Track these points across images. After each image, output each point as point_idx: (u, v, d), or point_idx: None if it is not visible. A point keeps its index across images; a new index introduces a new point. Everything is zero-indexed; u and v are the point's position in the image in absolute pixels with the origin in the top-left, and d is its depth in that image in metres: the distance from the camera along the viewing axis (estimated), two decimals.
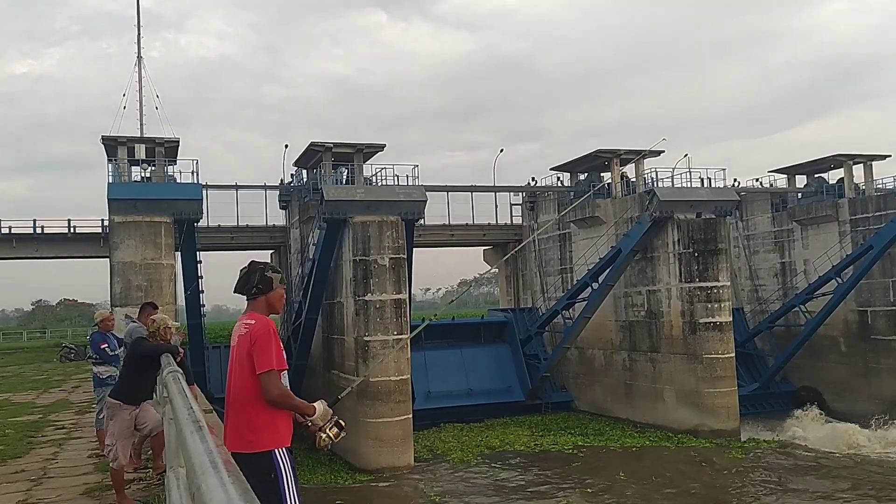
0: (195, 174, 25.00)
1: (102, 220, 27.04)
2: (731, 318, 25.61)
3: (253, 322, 4.06)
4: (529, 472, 21.08)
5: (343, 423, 4.41)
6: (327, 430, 4.32)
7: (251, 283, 4.12)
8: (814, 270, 29.51)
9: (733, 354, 25.29)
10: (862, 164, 31.16)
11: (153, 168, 25.49)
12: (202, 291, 25.14)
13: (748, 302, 33.47)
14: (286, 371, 4.23)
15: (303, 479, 17.87)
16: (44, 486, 7.23)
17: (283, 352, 4.16)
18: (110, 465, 6.56)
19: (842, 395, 28.49)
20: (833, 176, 32.30)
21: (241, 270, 4.17)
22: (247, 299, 4.16)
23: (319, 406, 4.26)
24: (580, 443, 24.25)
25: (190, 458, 1.97)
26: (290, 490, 4.00)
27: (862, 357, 28.64)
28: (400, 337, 22.01)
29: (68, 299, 77.22)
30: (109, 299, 23.70)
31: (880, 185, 30.70)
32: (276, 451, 4.03)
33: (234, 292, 4.19)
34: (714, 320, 24.96)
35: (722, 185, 28.52)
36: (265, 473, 3.93)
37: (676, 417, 25.32)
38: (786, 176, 33.45)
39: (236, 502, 1.27)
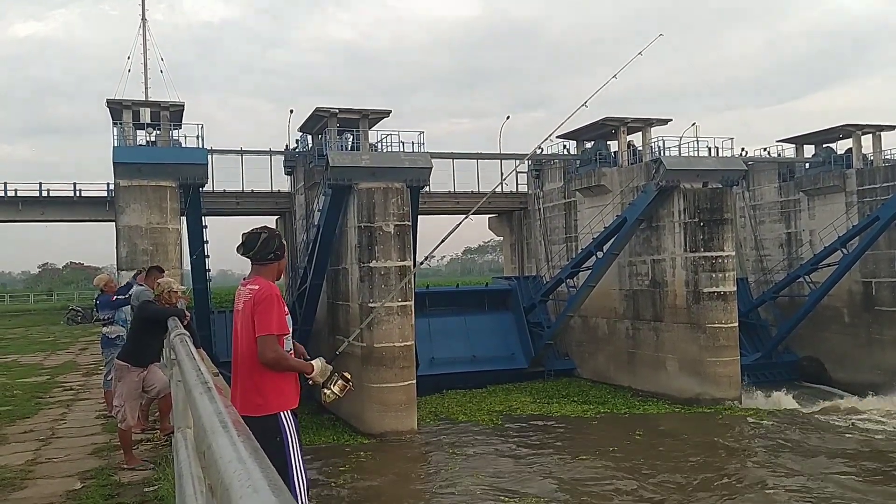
0: (200, 139, 24.97)
1: (108, 184, 27.04)
2: (735, 288, 25.64)
3: (257, 287, 4.10)
4: (532, 437, 21.35)
5: (349, 376, 4.45)
6: (331, 386, 4.37)
7: (271, 248, 4.17)
8: (819, 241, 29.40)
9: (736, 324, 25.36)
10: (871, 135, 30.87)
11: (158, 132, 25.42)
12: (207, 256, 25.23)
13: (753, 272, 33.44)
14: (289, 335, 4.27)
15: (308, 441, 18.14)
16: (52, 446, 7.34)
17: (288, 316, 4.21)
18: (118, 425, 6.65)
19: (844, 365, 28.58)
20: (842, 146, 32.06)
21: (252, 234, 4.19)
22: (257, 263, 4.20)
23: (317, 363, 4.31)
24: (582, 410, 24.53)
25: (199, 418, 1.98)
26: (295, 453, 4.11)
27: (865, 328, 28.68)
28: (402, 304, 22.11)
29: (75, 262, 77.55)
30: (116, 263, 23.81)
31: (889, 156, 30.44)
32: (282, 413, 4.11)
33: (246, 255, 4.20)
34: (718, 290, 24.97)
35: (729, 155, 28.33)
36: (272, 436, 4.01)
37: (678, 386, 25.48)
38: (794, 146, 33.20)
39: (247, 461, 1.28)
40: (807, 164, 32.57)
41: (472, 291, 33.47)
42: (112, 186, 25.38)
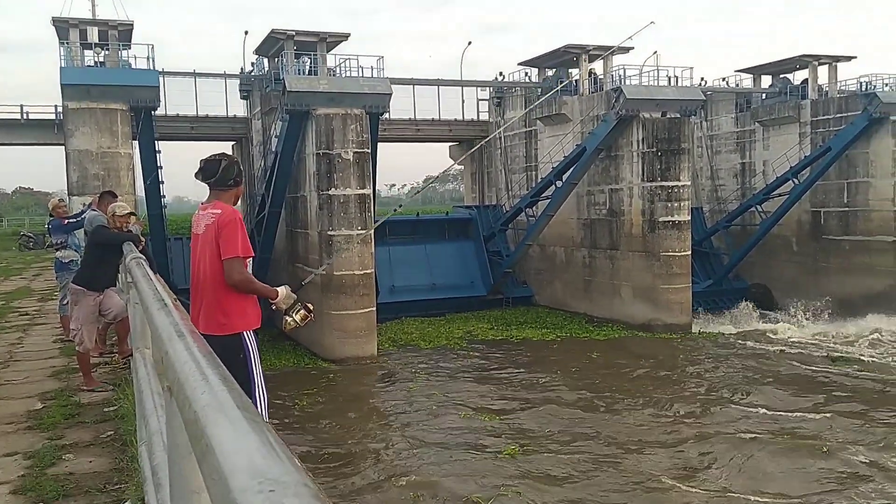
0: (151, 60, 24.08)
1: (56, 107, 26.11)
2: (689, 218, 26.15)
3: (219, 212, 4.18)
4: (492, 358, 21.98)
5: (311, 307, 4.59)
6: (293, 315, 4.51)
7: (230, 174, 4.27)
8: (772, 171, 29.98)
9: (689, 253, 25.99)
10: (827, 66, 31.20)
11: (107, 52, 24.48)
12: (162, 182, 24.72)
13: (707, 201, 34.07)
14: (251, 258, 4.38)
15: (269, 365, 18.39)
16: (11, 369, 7.36)
17: (248, 240, 4.32)
18: (76, 348, 6.69)
19: (790, 292, 29.61)
20: (799, 77, 32.37)
21: (211, 160, 4.24)
22: (215, 189, 4.26)
23: (282, 290, 4.43)
24: (542, 334, 25.23)
25: (156, 329, 2.06)
26: (257, 370, 4.30)
27: (812, 256, 29.65)
28: (361, 233, 22.14)
29: (24, 187, 75.45)
30: (66, 188, 23.25)
31: (844, 88, 30.88)
32: (245, 333, 4.27)
33: (206, 181, 4.25)
34: (673, 219, 25.46)
35: (688, 85, 28.43)
36: (235, 354, 4.16)
37: (632, 312, 26.20)
38: (751, 76, 33.42)
39: (200, 360, 1.36)
40: (763, 95, 32.89)
41: (433, 220, 33.54)
42: (60, 109, 24.54)
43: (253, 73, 28.73)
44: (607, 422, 15.54)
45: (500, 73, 32.99)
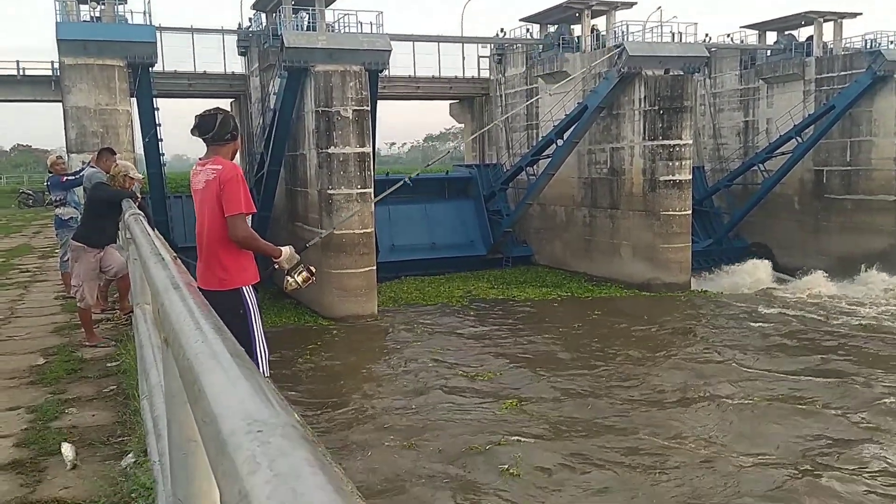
0: (147, 15, 23.77)
1: (53, 63, 25.82)
2: (690, 177, 26.05)
3: (220, 167, 4.18)
4: (490, 318, 22.12)
5: (314, 269, 4.61)
6: (295, 276, 4.52)
7: (227, 128, 4.25)
8: (776, 130, 29.77)
9: (690, 212, 25.96)
10: (832, 22, 30.77)
11: (103, 7, 24.13)
12: (161, 139, 24.56)
13: (710, 160, 33.90)
14: (253, 214, 4.40)
15: (269, 323, 18.51)
16: (13, 325, 7.41)
17: (250, 196, 4.34)
18: (78, 304, 6.73)
19: (791, 251, 29.66)
20: (804, 34, 31.96)
21: (207, 115, 4.23)
22: (212, 144, 4.25)
23: (287, 250, 4.45)
24: (543, 293, 25.35)
25: (153, 282, 2.07)
26: (257, 325, 4.34)
27: (813, 215, 29.62)
28: (361, 191, 22.10)
29: (22, 145, 75.05)
30: (65, 145, 23.12)
31: (849, 45, 30.50)
32: (245, 288, 4.30)
33: (203, 136, 4.24)
34: (674, 178, 25.36)
35: (692, 41, 28.06)
36: (235, 309, 4.20)
37: (631, 272, 26.28)
38: (756, 32, 32.98)
39: (195, 312, 1.38)
40: (768, 52, 32.49)
41: (433, 179, 33.38)
42: (57, 65, 24.27)
43: (251, 29, 28.37)
44: (606, 380, 15.70)
45: (502, 30, 32.57)
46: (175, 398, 1.58)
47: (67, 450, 3.96)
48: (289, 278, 4.53)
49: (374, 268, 22.57)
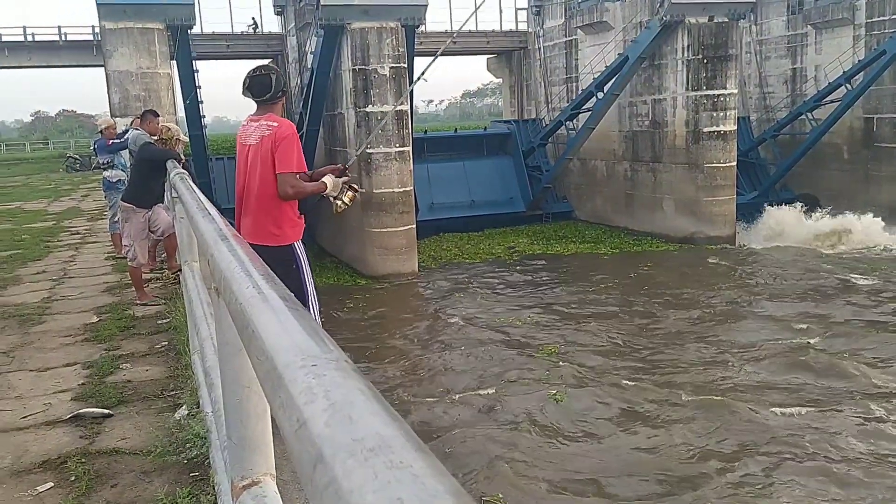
0: None
1: (93, 27, 26.12)
2: (735, 128, 25.42)
3: (276, 124, 4.29)
4: (532, 273, 22.08)
5: (357, 186, 4.81)
6: (342, 198, 4.72)
7: (281, 85, 4.39)
8: (824, 77, 28.76)
9: (734, 163, 25.39)
10: None
11: None
12: (201, 102, 24.80)
13: (755, 110, 32.97)
14: (304, 173, 4.54)
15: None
16: (66, 285, 7.65)
17: (303, 156, 4.47)
18: (129, 263, 6.92)
19: (839, 201, 28.84)
20: None
21: (261, 75, 4.32)
22: (264, 103, 4.37)
23: (329, 179, 4.62)
24: (583, 248, 25.23)
25: (201, 235, 2.12)
26: (309, 279, 4.53)
27: (863, 164, 28.70)
28: (400, 150, 22.08)
29: (67, 110, 76.47)
30: (109, 109, 23.49)
31: None
32: (296, 243, 4.46)
33: (261, 96, 4.34)
34: (718, 129, 24.78)
35: None
36: (288, 264, 4.36)
37: (674, 226, 25.92)
38: None
39: (243, 259, 1.41)
40: None
41: (471, 136, 33.16)
42: (97, 29, 24.54)
43: None
44: (651, 333, 15.53)
45: None
46: (228, 346, 1.63)
47: None
48: (337, 201, 4.71)
49: (414, 226, 22.64)
